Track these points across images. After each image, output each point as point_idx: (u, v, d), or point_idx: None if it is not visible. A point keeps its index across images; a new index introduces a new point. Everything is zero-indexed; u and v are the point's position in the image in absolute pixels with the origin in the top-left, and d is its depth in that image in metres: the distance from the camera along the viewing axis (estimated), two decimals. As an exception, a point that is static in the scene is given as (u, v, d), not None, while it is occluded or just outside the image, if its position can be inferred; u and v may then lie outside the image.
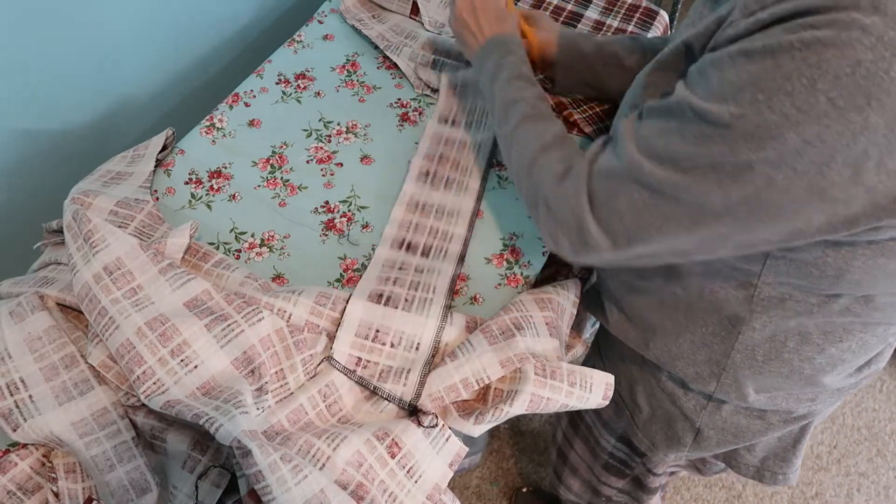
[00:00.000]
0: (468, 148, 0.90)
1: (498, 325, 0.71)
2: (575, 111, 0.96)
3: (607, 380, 0.68)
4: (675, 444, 0.81)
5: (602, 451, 0.98)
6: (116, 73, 0.96)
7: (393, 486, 0.62)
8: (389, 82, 1.00)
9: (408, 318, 0.72)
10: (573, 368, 0.68)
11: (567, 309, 0.77)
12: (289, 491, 0.56)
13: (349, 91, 0.98)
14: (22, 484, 0.62)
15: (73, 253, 0.71)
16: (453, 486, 1.51)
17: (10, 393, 0.64)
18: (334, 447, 0.61)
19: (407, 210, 0.84)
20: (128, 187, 0.81)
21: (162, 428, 0.66)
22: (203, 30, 1.07)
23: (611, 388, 0.69)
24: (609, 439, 0.95)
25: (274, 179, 0.88)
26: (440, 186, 0.86)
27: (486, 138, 0.91)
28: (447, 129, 0.93)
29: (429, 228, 0.82)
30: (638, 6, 1.14)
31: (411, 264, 0.78)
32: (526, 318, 0.72)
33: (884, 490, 1.58)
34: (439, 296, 0.75)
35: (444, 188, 0.86)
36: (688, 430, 0.78)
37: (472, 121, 0.94)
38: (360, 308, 0.72)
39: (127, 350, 0.64)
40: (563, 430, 1.07)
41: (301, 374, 0.68)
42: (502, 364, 0.67)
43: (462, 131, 0.93)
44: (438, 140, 0.91)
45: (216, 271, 0.75)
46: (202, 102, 1.09)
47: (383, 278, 0.76)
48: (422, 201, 0.85)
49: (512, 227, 0.85)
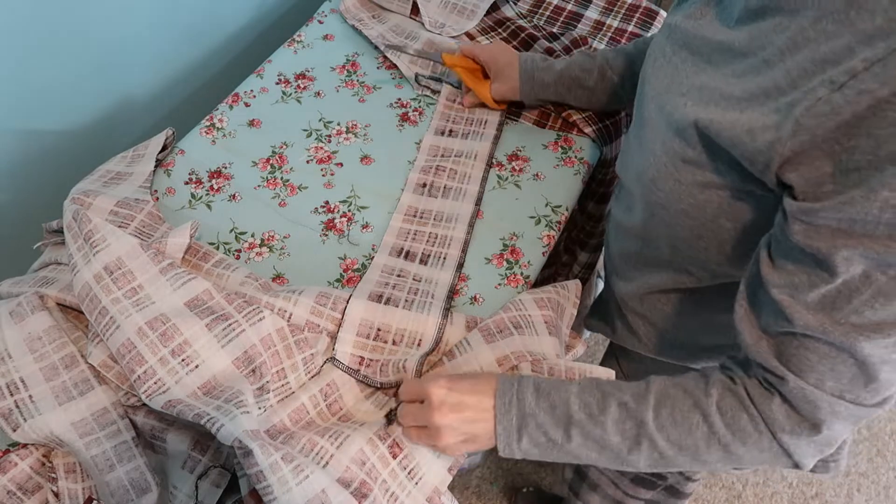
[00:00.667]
0: (465, 156, 0.90)
1: (496, 323, 0.71)
2: (575, 111, 0.96)
3: (608, 374, 0.67)
4: None
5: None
6: (116, 74, 0.96)
7: (394, 486, 0.62)
8: (389, 82, 1.00)
9: (409, 315, 0.72)
10: (571, 365, 0.68)
11: (567, 309, 0.77)
12: (290, 491, 0.56)
13: (349, 91, 0.98)
14: (22, 484, 0.62)
15: (73, 253, 0.70)
16: (453, 487, 1.51)
17: (11, 393, 0.64)
18: (338, 444, 0.61)
19: (405, 219, 0.84)
20: (128, 187, 0.81)
21: (162, 428, 0.66)
22: (203, 30, 1.07)
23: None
24: None
25: (274, 179, 0.88)
26: (438, 195, 0.86)
27: (484, 147, 0.91)
28: (444, 139, 0.93)
29: (427, 235, 0.82)
30: (638, 6, 1.14)
31: (410, 272, 0.78)
32: (525, 317, 0.72)
33: (884, 490, 1.58)
34: (438, 300, 0.75)
35: (441, 197, 0.86)
36: None
37: (470, 131, 0.93)
38: (360, 307, 0.72)
39: (128, 350, 0.64)
40: None
41: (302, 373, 0.68)
42: (499, 362, 0.67)
43: (459, 141, 0.92)
44: (435, 152, 0.91)
45: (216, 271, 0.75)
46: (202, 102, 1.09)
47: (382, 282, 0.76)
48: (420, 209, 0.85)
49: (512, 227, 0.85)
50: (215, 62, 1.13)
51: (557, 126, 0.97)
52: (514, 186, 0.89)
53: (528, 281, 0.81)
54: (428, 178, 0.88)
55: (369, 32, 1.04)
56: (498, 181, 0.90)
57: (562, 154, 0.94)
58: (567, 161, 0.93)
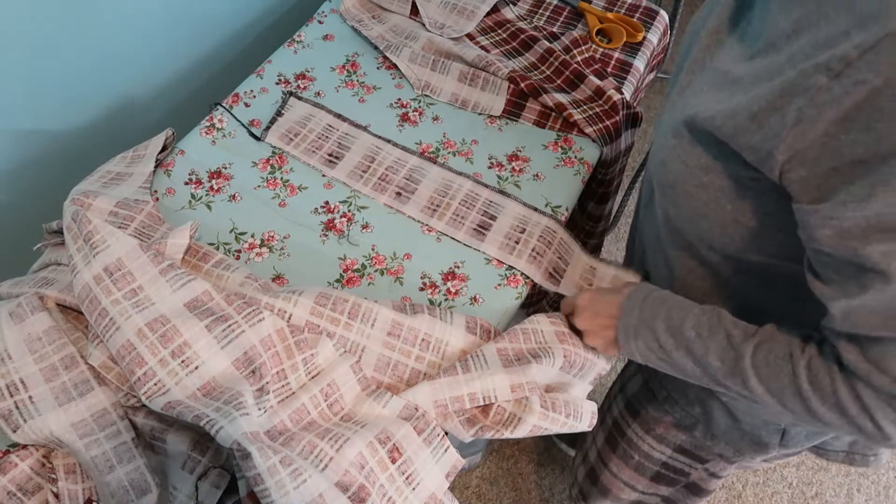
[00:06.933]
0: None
1: (515, 351, 0.72)
2: (575, 111, 0.96)
3: (592, 409, 0.73)
4: (762, 447, 0.78)
5: (653, 463, 0.93)
6: (116, 74, 0.96)
7: (392, 491, 0.62)
8: (389, 82, 1.00)
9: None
10: (568, 399, 0.71)
11: (597, 365, 0.76)
12: (287, 495, 0.56)
13: (349, 91, 0.98)
14: (22, 485, 0.62)
15: (73, 254, 0.70)
16: (453, 487, 1.51)
17: (10, 394, 0.64)
18: (337, 448, 0.61)
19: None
20: (128, 188, 0.81)
21: (162, 429, 0.66)
22: (203, 30, 1.07)
23: (595, 416, 0.73)
24: (664, 451, 0.90)
25: (274, 180, 0.88)
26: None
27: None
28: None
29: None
30: (638, 6, 1.14)
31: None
32: (545, 350, 0.72)
33: (884, 490, 1.58)
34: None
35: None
36: (773, 432, 0.76)
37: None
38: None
39: (128, 351, 0.64)
40: (597, 450, 1.02)
41: (302, 374, 0.68)
42: (513, 389, 0.68)
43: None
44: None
45: (216, 272, 0.75)
46: (202, 102, 1.09)
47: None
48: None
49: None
50: (215, 62, 1.13)
51: (557, 126, 0.97)
52: (514, 186, 0.89)
53: (527, 281, 0.81)
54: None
55: (369, 33, 1.04)
56: (498, 181, 0.90)
57: (562, 154, 0.94)
58: (567, 161, 0.93)
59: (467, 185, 0.88)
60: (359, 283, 0.79)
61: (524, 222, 0.85)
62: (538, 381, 0.70)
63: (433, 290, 0.79)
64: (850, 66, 0.42)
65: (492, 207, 0.86)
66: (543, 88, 0.97)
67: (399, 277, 0.80)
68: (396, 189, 0.87)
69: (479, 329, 0.74)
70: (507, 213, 0.86)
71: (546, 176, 0.91)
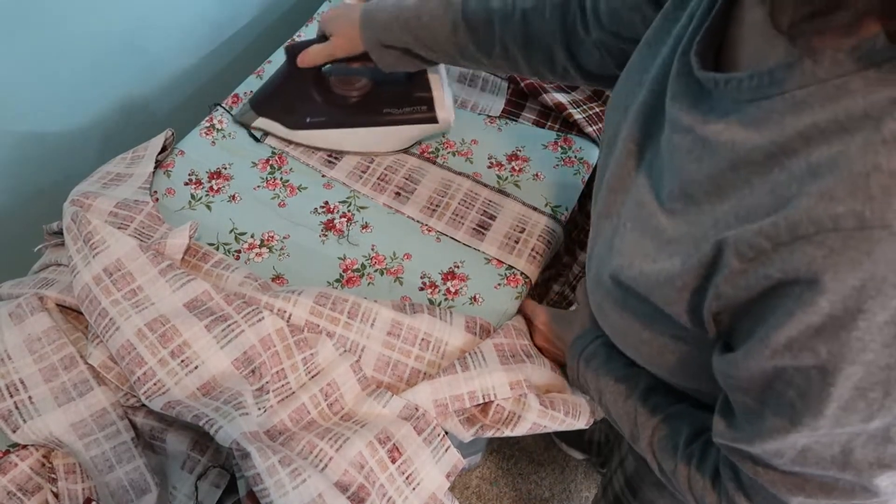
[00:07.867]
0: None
1: (510, 346, 0.72)
2: (575, 111, 0.96)
3: (592, 408, 0.73)
4: None
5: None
6: (116, 75, 0.96)
7: (391, 491, 0.62)
8: (389, 82, 1.00)
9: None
10: (566, 398, 0.71)
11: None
12: (286, 495, 0.56)
13: (349, 91, 0.98)
14: (22, 485, 0.62)
15: (73, 255, 0.71)
16: (453, 487, 1.51)
17: (10, 394, 0.64)
18: (337, 448, 0.61)
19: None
20: (127, 189, 0.81)
21: (161, 428, 0.66)
22: (203, 30, 1.07)
23: (594, 416, 0.73)
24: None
25: (273, 180, 0.88)
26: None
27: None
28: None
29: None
30: (638, 6, 1.14)
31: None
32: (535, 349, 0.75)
33: (884, 490, 1.58)
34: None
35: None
36: None
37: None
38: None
39: (127, 351, 0.64)
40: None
41: (302, 374, 0.68)
42: (511, 386, 0.68)
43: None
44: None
45: (216, 272, 0.75)
46: (202, 103, 1.09)
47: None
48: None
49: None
50: (215, 62, 1.13)
51: (557, 126, 0.97)
52: (514, 186, 0.89)
53: (527, 281, 0.81)
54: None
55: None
56: (497, 181, 0.90)
57: (562, 154, 0.94)
58: (567, 161, 0.93)
59: (467, 185, 0.88)
60: (358, 283, 0.79)
61: (524, 222, 0.85)
62: (534, 380, 0.71)
63: (433, 289, 0.79)
64: (761, 257, 0.38)
65: (491, 207, 0.87)
66: (543, 88, 0.97)
67: (399, 277, 0.80)
68: (396, 189, 0.87)
69: (479, 329, 0.74)
70: (507, 212, 0.86)
71: (546, 176, 0.91)
